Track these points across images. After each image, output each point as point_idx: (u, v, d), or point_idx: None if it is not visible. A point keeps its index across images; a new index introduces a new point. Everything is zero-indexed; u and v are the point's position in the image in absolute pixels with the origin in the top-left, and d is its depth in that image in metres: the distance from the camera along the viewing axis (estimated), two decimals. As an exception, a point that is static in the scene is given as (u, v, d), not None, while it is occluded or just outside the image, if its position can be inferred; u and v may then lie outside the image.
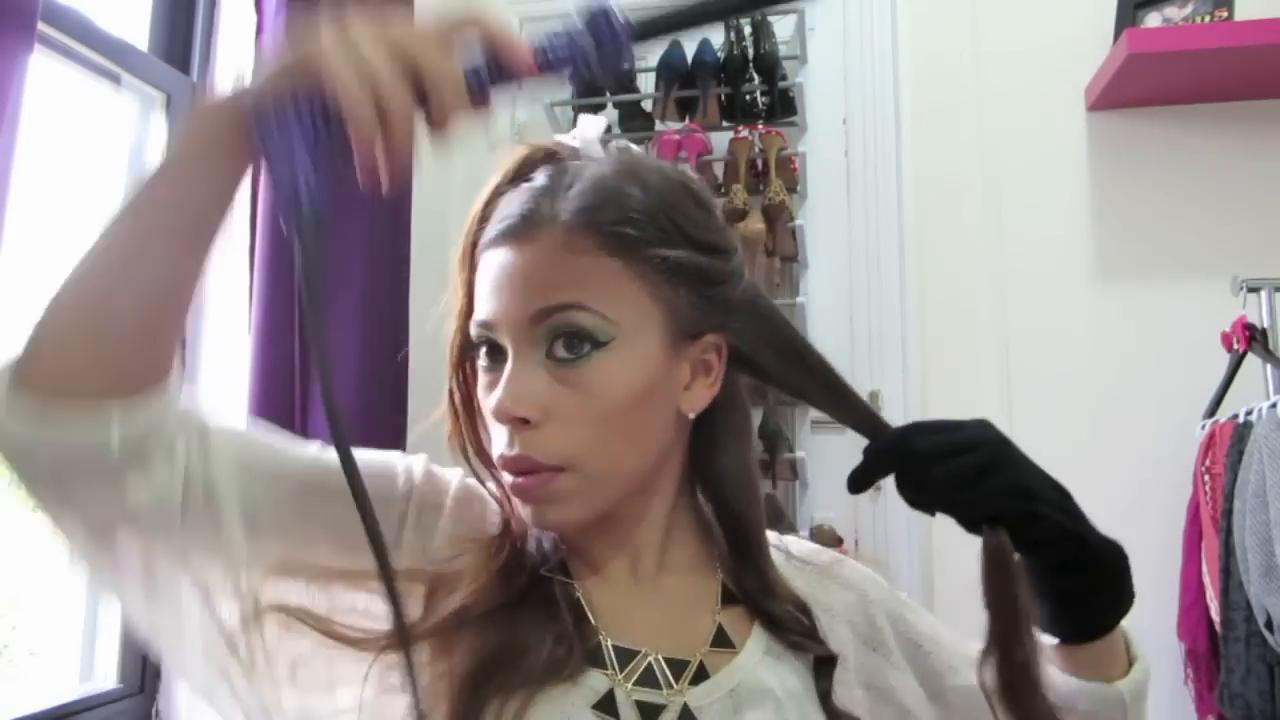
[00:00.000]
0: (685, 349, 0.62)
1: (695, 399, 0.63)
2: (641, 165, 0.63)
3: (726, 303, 0.63)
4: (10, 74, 0.97)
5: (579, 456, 0.58)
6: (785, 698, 0.62)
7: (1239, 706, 1.43)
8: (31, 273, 1.22)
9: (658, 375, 0.60)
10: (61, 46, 1.24)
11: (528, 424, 0.57)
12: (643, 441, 0.61)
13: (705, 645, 0.63)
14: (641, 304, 0.59)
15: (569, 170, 0.61)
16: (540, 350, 0.58)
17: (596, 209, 0.58)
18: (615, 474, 0.60)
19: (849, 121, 2.18)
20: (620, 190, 0.60)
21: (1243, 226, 1.90)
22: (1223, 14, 1.86)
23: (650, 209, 0.60)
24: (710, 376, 0.64)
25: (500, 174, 0.64)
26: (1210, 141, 1.96)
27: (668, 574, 0.66)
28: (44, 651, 1.25)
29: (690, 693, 0.60)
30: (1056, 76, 2.04)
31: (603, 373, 0.58)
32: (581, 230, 0.58)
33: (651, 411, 0.61)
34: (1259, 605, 1.40)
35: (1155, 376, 1.89)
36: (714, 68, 2.03)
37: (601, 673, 0.60)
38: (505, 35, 0.50)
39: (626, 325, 0.58)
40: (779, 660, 0.64)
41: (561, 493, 0.58)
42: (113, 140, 1.37)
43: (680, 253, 0.60)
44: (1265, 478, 1.41)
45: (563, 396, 0.58)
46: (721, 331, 0.63)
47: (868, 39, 2.17)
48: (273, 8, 1.39)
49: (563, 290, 0.57)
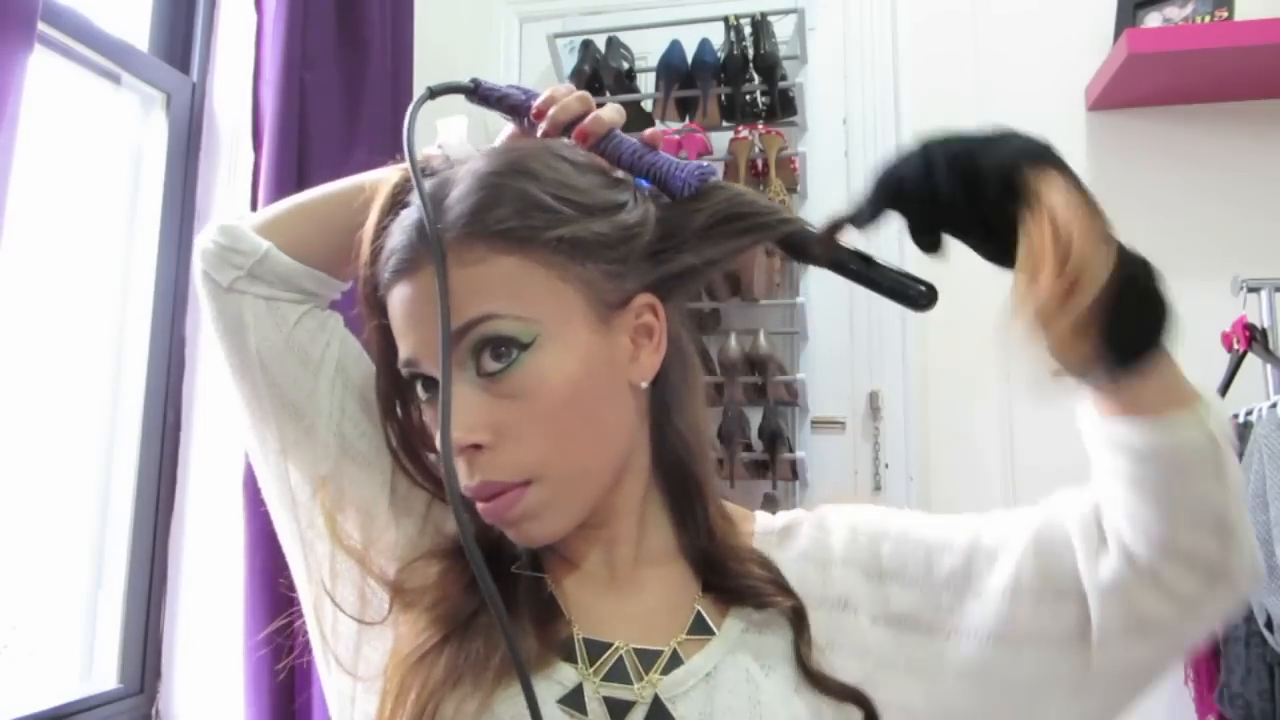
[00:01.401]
0: (616, 320, 0.59)
1: (645, 367, 0.61)
2: (509, 153, 0.60)
3: (642, 256, 0.60)
4: (10, 74, 0.97)
5: (541, 464, 0.56)
6: (763, 675, 0.60)
7: (1239, 706, 1.44)
8: (31, 272, 1.22)
9: (596, 356, 0.58)
10: (61, 46, 1.24)
11: (480, 448, 0.56)
12: (601, 430, 0.59)
13: (682, 633, 0.62)
14: (554, 291, 0.57)
15: (441, 184, 0.59)
16: (470, 370, 0.56)
17: (475, 215, 0.56)
18: (582, 471, 0.58)
19: (849, 121, 2.18)
20: (494, 187, 0.57)
21: (1243, 226, 1.90)
22: (1223, 14, 1.86)
23: (529, 194, 0.57)
24: (654, 339, 0.61)
25: (377, 208, 0.62)
26: (1210, 141, 1.96)
27: (646, 565, 0.65)
28: (44, 651, 1.25)
29: (662, 683, 0.59)
30: (1056, 76, 2.04)
31: (538, 373, 0.56)
32: (468, 240, 0.56)
33: (602, 395, 0.58)
34: (1259, 605, 1.40)
35: (1155, 376, 1.89)
36: (714, 68, 2.03)
37: (572, 666, 0.59)
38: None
39: (546, 318, 0.56)
40: (761, 635, 0.62)
41: (535, 507, 0.57)
42: (113, 140, 1.37)
43: (574, 227, 0.57)
44: (1265, 478, 1.41)
45: (506, 409, 0.56)
46: (647, 289, 0.60)
47: (868, 39, 2.17)
48: (273, 8, 1.39)
49: (469, 305, 0.55)
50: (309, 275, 0.67)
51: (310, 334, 0.67)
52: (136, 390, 1.35)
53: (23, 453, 1.22)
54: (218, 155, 1.44)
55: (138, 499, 1.33)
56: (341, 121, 1.46)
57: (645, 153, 0.63)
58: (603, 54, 2.18)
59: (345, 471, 0.65)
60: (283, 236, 0.67)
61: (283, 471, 0.66)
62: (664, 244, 0.60)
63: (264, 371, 0.65)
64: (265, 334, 0.65)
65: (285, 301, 0.67)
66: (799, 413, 2.05)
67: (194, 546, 1.36)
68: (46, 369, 1.27)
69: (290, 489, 0.66)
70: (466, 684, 0.56)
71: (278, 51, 1.37)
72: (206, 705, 1.32)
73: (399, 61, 1.63)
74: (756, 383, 1.97)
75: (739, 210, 0.61)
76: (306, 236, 0.67)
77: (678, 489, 0.66)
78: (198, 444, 1.39)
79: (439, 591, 0.61)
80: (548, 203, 0.57)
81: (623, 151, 0.63)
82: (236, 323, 0.65)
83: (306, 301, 0.68)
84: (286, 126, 1.35)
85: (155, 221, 1.38)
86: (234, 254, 0.66)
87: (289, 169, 1.34)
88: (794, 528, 0.68)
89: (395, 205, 0.61)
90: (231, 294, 0.65)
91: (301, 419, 0.65)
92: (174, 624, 1.35)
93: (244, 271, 0.65)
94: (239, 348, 0.66)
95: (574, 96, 0.64)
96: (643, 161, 0.62)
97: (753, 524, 0.70)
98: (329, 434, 0.65)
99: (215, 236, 0.67)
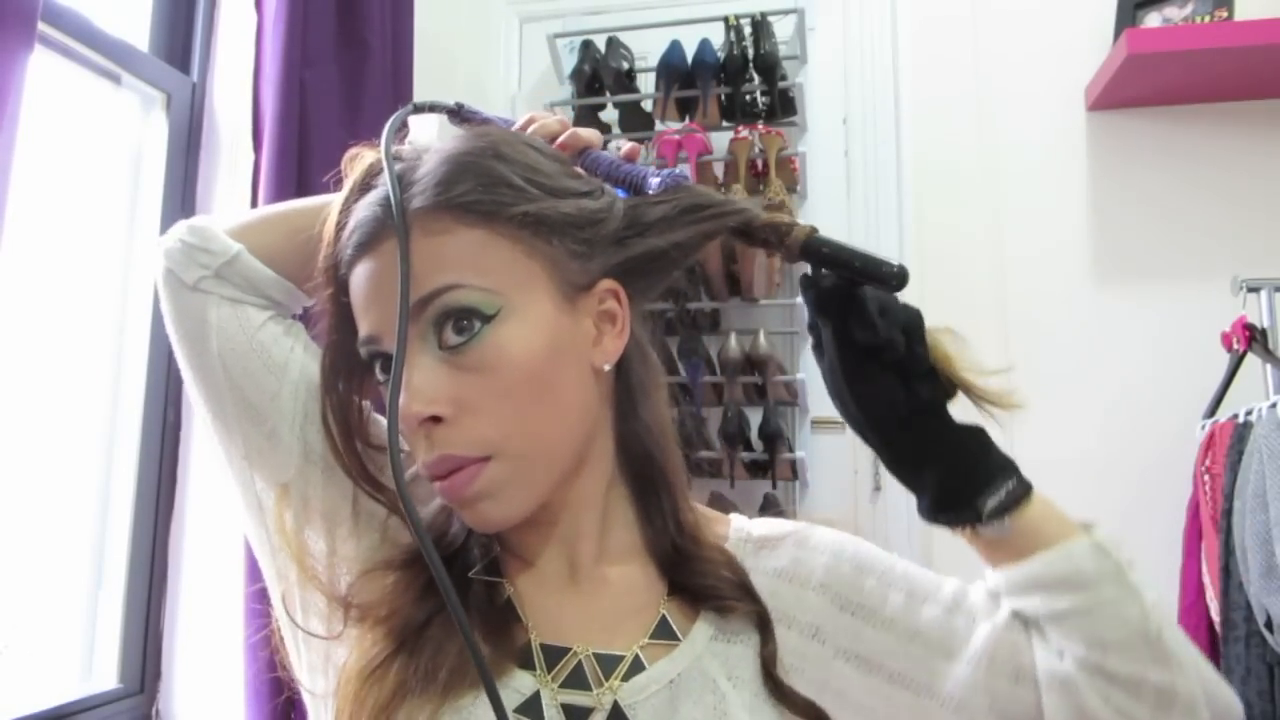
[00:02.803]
0: (581, 302, 0.59)
1: (607, 351, 0.61)
2: (480, 137, 0.60)
3: (608, 241, 0.60)
4: (10, 74, 0.97)
5: (501, 439, 0.55)
6: (730, 686, 0.59)
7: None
8: (31, 272, 1.22)
9: (559, 333, 0.57)
10: (61, 46, 1.24)
11: (439, 421, 0.55)
12: (563, 408, 0.58)
13: (644, 637, 0.60)
14: (519, 265, 0.56)
15: (411, 165, 0.59)
16: (431, 343, 0.55)
17: (442, 186, 0.56)
18: (543, 449, 0.57)
19: (849, 121, 2.18)
20: (463, 164, 0.57)
21: (1243, 226, 1.90)
22: (1223, 14, 1.86)
23: (497, 171, 0.57)
24: (616, 325, 0.61)
25: (346, 189, 0.62)
26: (1210, 141, 1.96)
27: (608, 564, 0.64)
28: (44, 651, 1.25)
29: (622, 689, 0.58)
30: (1056, 76, 2.05)
31: (500, 345, 0.55)
32: (434, 211, 0.56)
33: (564, 373, 0.58)
34: (1259, 605, 1.40)
35: (1155, 376, 1.89)
36: (714, 68, 2.03)
37: (529, 674, 0.58)
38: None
39: (510, 291, 0.56)
40: (729, 644, 0.62)
41: (493, 484, 0.56)
42: (113, 140, 1.37)
43: (541, 204, 0.57)
44: (1265, 478, 1.41)
45: (467, 382, 0.55)
46: (611, 274, 0.60)
47: (868, 39, 2.18)
48: (273, 8, 1.39)
49: (433, 276, 0.55)
50: (277, 283, 0.67)
51: (274, 337, 0.66)
52: (136, 390, 1.35)
53: (23, 453, 1.22)
54: (218, 155, 1.44)
55: (138, 499, 1.33)
56: (341, 121, 1.46)
57: (620, 163, 0.65)
58: (603, 54, 2.18)
59: (309, 478, 0.64)
60: (254, 241, 0.66)
61: (248, 477, 0.65)
62: (628, 232, 0.61)
63: (226, 374, 0.64)
64: (229, 335, 0.64)
65: (250, 305, 0.66)
66: (799, 413, 2.06)
67: (194, 546, 1.36)
68: (46, 369, 1.27)
69: (256, 495, 0.65)
70: (415, 697, 0.55)
71: (278, 51, 1.37)
72: (206, 705, 1.32)
73: (399, 61, 1.63)
74: (756, 383, 1.97)
75: (698, 202, 0.62)
76: (278, 244, 0.67)
77: (643, 481, 0.65)
78: (198, 444, 1.38)
79: (391, 604, 0.59)
80: (515, 181, 0.57)
81: (600, 163, 0.65)
82: (199, 323, 0.64)
83: (271, 308, 0.67)
84: (286, 126, 1.35)
85: (155, 221, 1.38)
86: (202, 253, 0.65)
87: (289, 169, 1.34)
88: (774, 541, 0.67)
89: (364, 187, 0.61)
90: (196, 293, 0.64)
91: (264, 423, 0.64)
92: (174, 624, 1.35)
93: (211, 272, 0.64)
94: (200, 349, 0.64)
95: (553, 118, 0.67)
96: (619, 171, 0.64)
97: (727, 527, 0.69)
98: (292, 438, 0.64)
99: (183, 235, 0.66)
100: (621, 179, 0.64)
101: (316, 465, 0.64)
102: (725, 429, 1.95)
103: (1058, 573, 0.58)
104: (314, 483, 0.64)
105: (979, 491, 0.59)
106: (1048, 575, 0.58)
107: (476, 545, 0.64)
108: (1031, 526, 0.59)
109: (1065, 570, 0.58)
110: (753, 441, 1.98)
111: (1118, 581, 0.58)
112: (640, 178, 0.64)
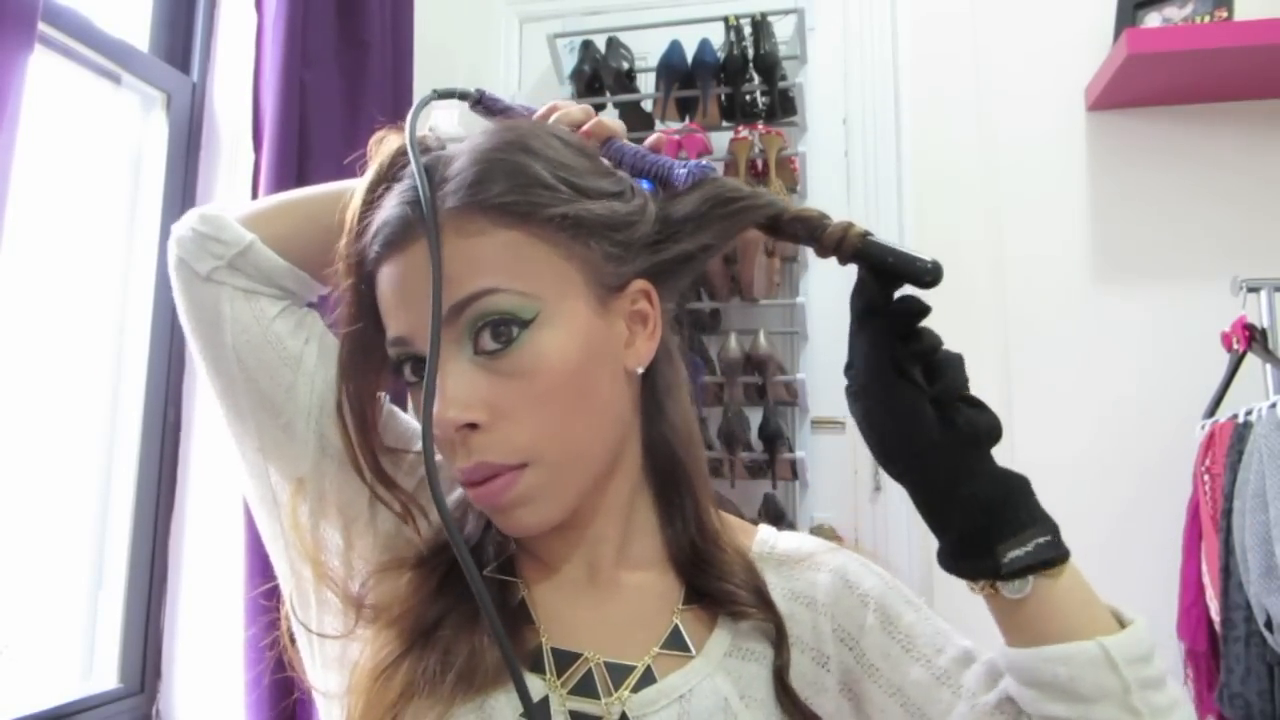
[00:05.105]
0: (614, 304, 0.58)
1: (640, 353, 0.60)
2: (508, 131, 0.59)
3: (642, 244, 0.59)
4: (10, 74, 0.97)
5: (539, 447, 0.54)
6: (742, 706, 0.58)
7: (1239, 706, 1.44)
8: (31, 272, 1.22)
9: (595, 337, 0.56)
10: (61, 46, 1.24)
11: (476, 428, 0.54)
12: (599, 414, 0.57)
13: (656, 646, 0.60)
14: (555, 268, 0.55)
15: (438, 160, 0.57)
16: (467, 348, 0.54)
17: (477, 186, 0.54)
18: (579, 455, 0.56)
19: (849, 121, 2.18)
20: (497, 161, 0.55)
21: (1243, 226, 1.90)
22: (1223, 14, 1.86)
23: (532, 171, 0.55)
24: (648, 326, 0.60)
25: (371, 175, 0.60)
26: (1210, 141, 1.96)
27: (627, 570, 0.63)
28: (44, 651, 1.25)
29: (630, 700, 0.57)
30: (1056, 76, 2.05)
31: (538, 351, 0.54)
32: (469, 212, 0.54)
33: (600, 378, 0.57)
34: (1259, 605, 1.40)
35: (1155, 376, 1.89)
36: (714, 68, 2.03)
37: (539, 677, 0.58)
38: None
39: (547, 295, 0.54)
40: (744, 661, 0.60)
41: (530, 491, 0.55)
42: (113, 140, 1.37)
43: (577, 206, 0.56)
44: (1265, 478, 1.41)
45: (505, 389, 0.54)
46: (643, 275, 0.59)
47: (867, 39, 2.18)
48: (273, 8, 1.39)
49: (470, 279, 0.53)
50: (291, 273, 0.65)
51: (289, 328, 0.64)
52: (136, 390, 1.35)
53: (23, 453, 1.22)
54: (218, 155, 1.44)
55: (138, 499, 1.33)
56: (341, 121, 1.46)
57: (646, 154, 0.64)
58: (603, 54, 2.18)
59: (325, 471, 0.63)
60: (268, 231, 0.65)
61: (262, 470, 0.64)
62: (662, 234, 0.60)
63: (240, 366, 0.63)
64: (243, 326, 0.63)
65: (264, 296, 0.64)
66: (799, 413, 2.06)
67: (194, 546, 1.36)
68: (47, 369, 1.27)
69: (271, 488, 0.64)
70: (422, 698, 0.55)
71: (278, 51, 1.37)
72: (206, 705, 1.32)
73: (399, 61, 1.63)
74: (756, 383, 1.97)
75: (728, 195, 0.61)
76: (291, 233, 0.65)
77: (668, 484, 0.64)
78: (198, 444, 1.38)
79: (403, 604, 0.59)
80: (549, 180, 0.56)
81: (625, 154, 0.64)
82: (213, 314, 0.63)
83: (285, 299, 0.66)
84: (286, 126, 1.35)
85: (155, 221, 1.38)
86: (215, 243, 0.63)
87: (289, 169, 1.34)
88: (797, 560, 0.66)
89: (387, 179, 0.59)
90: (209, 284, 0.63)
91: (279, 415, 0.63)
92: (174, 624, 1.35)
93: (224, 262, 0.63)
94: (215, 341, 0.63)
95: (577, 106, 0.65)
96: (644, 162, 0.63)
97: (752, 539, 0.68)
98: (308, 431, 0.63)
99: (195, 224, 0.64)
100: (647, 170, 0.63)
101: (332, 459, 0.63)
102: (725, 429, 1.95)
103: (1056, 676, 0.52)
104: (330, 476, 0.63)
105: (1004, 538, 0.52)
106: (1044, 675, 0.52)
107: (491, 544, 0.63)
108: (1052, 604, 0.53)
109: (1064, 676, 0.51)
110: (753, 442, 1.98)
111: (1121, 704, 0.51)
112: (666, 169, 0.62)
